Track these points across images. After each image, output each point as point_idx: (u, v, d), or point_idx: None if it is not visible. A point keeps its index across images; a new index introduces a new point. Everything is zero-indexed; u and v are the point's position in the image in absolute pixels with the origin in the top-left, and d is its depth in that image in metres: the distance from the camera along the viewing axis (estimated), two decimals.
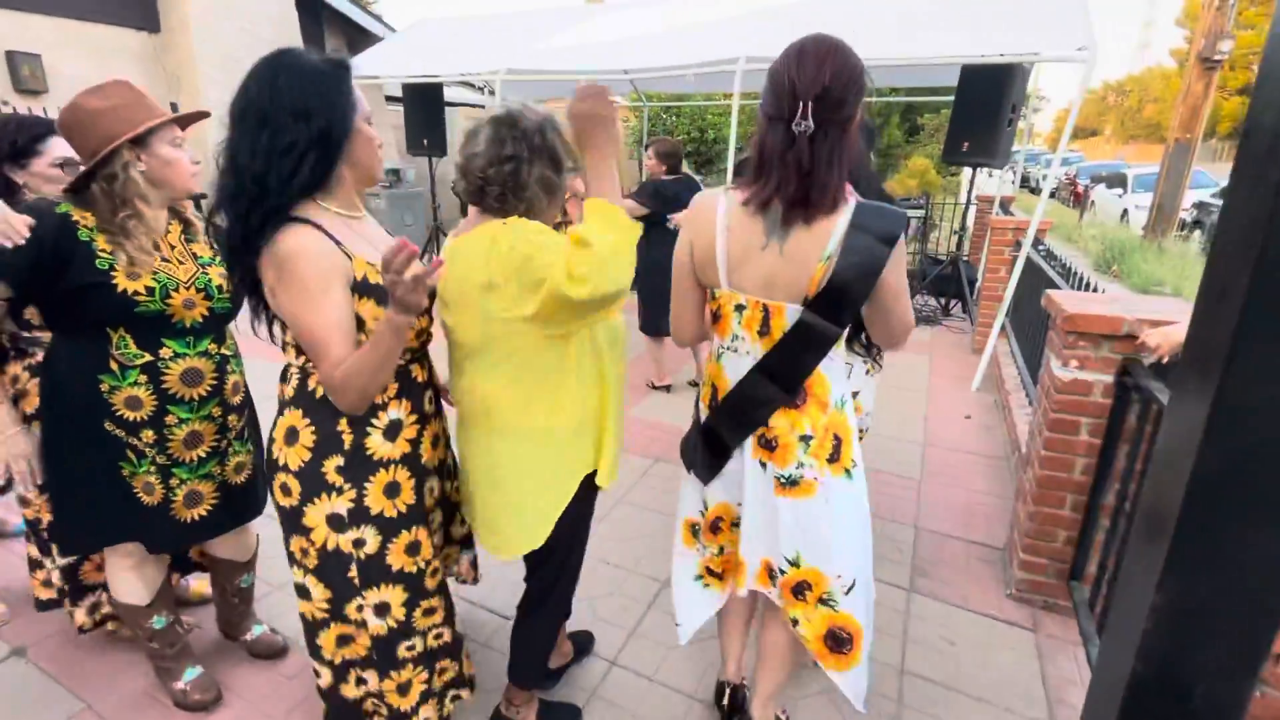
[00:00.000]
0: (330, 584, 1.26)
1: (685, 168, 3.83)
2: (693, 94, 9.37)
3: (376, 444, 1.23)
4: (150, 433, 1.46)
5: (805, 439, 1.25)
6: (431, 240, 6.15)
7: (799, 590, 1.33)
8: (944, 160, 5.27)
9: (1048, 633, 2.03)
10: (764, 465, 1.29)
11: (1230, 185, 0.64)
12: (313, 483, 1.20)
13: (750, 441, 1.30)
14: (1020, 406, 3.33)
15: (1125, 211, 12.82)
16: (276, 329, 1.28)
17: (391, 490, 1.25)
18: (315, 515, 1.21)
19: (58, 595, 1.83)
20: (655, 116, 11.71)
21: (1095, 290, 2.60)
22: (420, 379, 1.33)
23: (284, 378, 1.28)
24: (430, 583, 1.36)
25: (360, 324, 1.16)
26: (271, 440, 1.25)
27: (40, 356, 1.66)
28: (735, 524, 1.39)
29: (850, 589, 1.30)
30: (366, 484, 1.22)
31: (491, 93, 5.56)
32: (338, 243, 1.14)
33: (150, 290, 1.39)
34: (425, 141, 6.22)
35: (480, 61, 5.68)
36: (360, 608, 1.28)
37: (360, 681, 1.38)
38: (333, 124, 1.11)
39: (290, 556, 1.29)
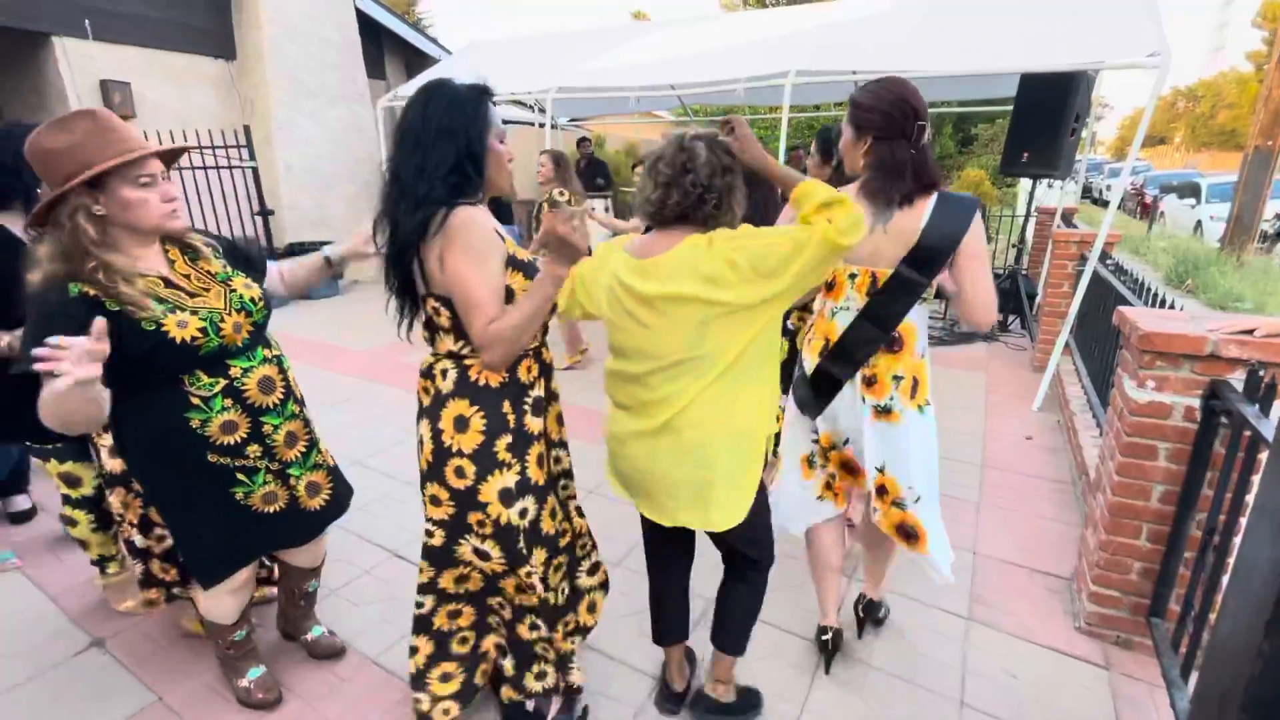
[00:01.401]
0: (505, 549, 1.42)
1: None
2: (739, 107, 9.37)
3: (530, 420, 1.41)
4: (256, 447, 1.50)
5: (897, 378, 1.64)
6: None
7: (880, 491, 1.73)
8: (1002, 172, 5.11)
9: (1123, 671, 1.90)
10: (863, 399, 1.68)
11: None
12: (487, 462, 1.35)
13: (858, 382, 1.67)
14: (1087, 428, 3.16)
15: (1199, 223, 12.11)
16: (417, 329, 1.42)
17: (540, 461, 1.44)
18: (489, 491, 1.36)
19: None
20: None
21: (1171, 306, 2.46)
22: (548, 360, 1.51)
23: (430, 375, 1.40)
24: (562, 542, 1.58)
25: (509, 296, 1.33)
26: (439, 431, 1.36)
27: None
28: (834, 447, 1.79)
29: (918, 500, 1.70)
30: (527, 457, 1.40)
31: (542, 110, 5.67)
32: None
33: (204, 330, 1.38)
34: None
35: (531, 81, 5.82)
36: (529, 573, 1.44)
37: (534, 626, 1.54)
38: (471, 142, 1.28)
39: (466, 528, 1.41)
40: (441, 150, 1.25)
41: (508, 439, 1.36)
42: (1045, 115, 4.39)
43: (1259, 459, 1.55)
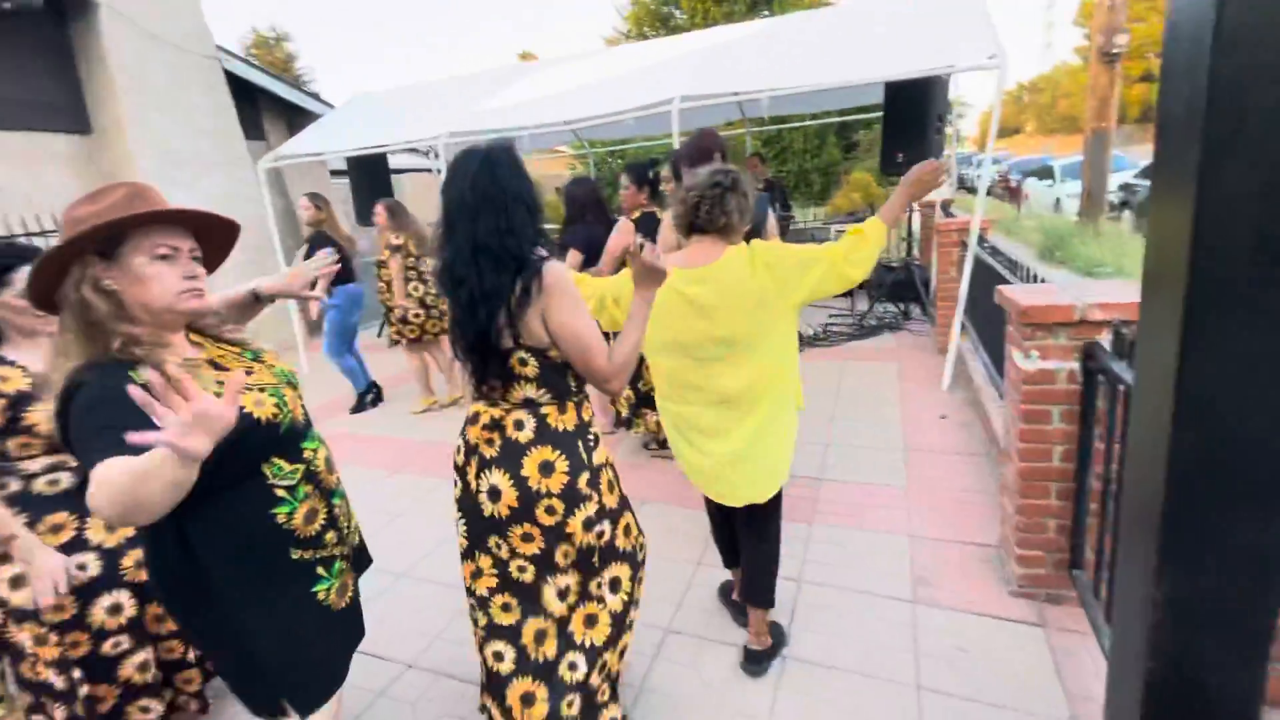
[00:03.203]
0: (581, 571, 1.53)
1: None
2: (634, 137, 9.62)
3: (596, 454, 1.53)
4: (332, 533, 1.36)
5: None
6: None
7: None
8: (882, 173, 5.48)
9: (1057, 626, 2.01)
10: None
11: (1154, 176, 0.65)
12: (572, 498, 1.46)
13: None
14: (992, 401, 3.38)
15: (1058, 201, 13.45)
16: (507, 384, 1.46)
17: (610, 486, 1.56)
18: (575, 523, 1.47)
19: None
20: (601, 161, 11.95)
21: (1042, 281, 2.69)
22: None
23: (499, 426, 1.46)
24: (641, 556, 1.67)
25: None
26: (523, 478, 1.44)
27: (13, 486, 1.55)
28: None
29: None
30: (599, 486, 1.52)
31: (436, 156, 5.59)
32: None
33: (278, 406, 1.25)
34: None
35: (422, 128, 5.74)
36: (599, 584, 1.56)
37: (601, 666, 1.58)
38: (535, 196, 1.44)
39: (554, 567, 1.50)
40: (520, 211, 1.37)
41: (586, 475, 1.48)
42: (911, 118, 4.75)
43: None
